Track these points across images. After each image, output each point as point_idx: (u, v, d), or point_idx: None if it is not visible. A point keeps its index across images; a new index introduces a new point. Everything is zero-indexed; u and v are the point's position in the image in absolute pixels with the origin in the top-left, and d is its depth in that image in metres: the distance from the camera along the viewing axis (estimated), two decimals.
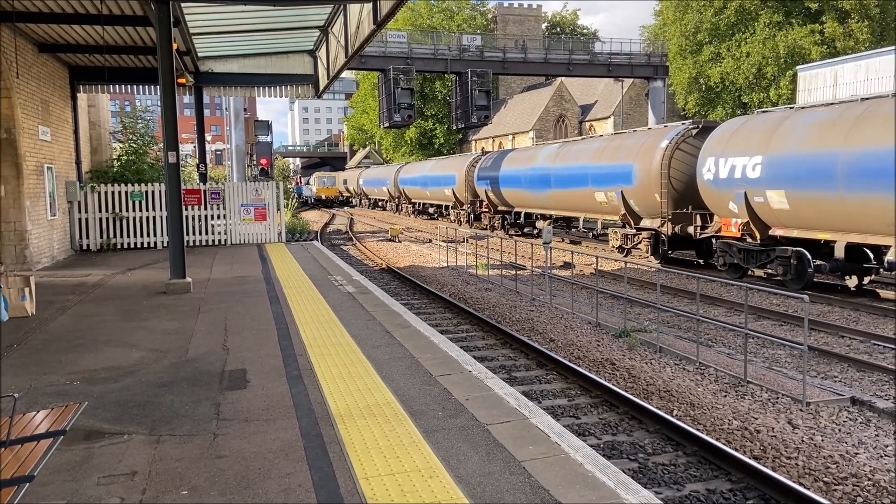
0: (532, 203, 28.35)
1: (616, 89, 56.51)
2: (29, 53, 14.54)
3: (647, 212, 20.10)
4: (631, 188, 20.35)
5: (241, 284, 12.12)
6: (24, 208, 13.76)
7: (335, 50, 16.64)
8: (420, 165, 47.85)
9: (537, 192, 26.99)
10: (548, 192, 26.04)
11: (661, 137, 19.72)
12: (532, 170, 27.50)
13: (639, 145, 20.52)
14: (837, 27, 40.29)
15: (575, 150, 25.07)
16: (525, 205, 29.24)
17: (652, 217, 19.94)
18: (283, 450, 4.67)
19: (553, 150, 26.98)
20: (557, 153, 25.99)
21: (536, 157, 27.82)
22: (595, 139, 25.89)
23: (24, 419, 4.03)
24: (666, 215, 19.08)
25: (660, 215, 19.40)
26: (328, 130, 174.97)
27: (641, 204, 20.17)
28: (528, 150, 31.39)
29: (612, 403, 7.89)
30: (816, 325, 11.81)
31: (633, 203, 20.47)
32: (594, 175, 22.51)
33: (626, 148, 21.21)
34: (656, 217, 19.65)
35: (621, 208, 20.90)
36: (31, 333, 8.51)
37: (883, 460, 6.32)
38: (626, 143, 21.59)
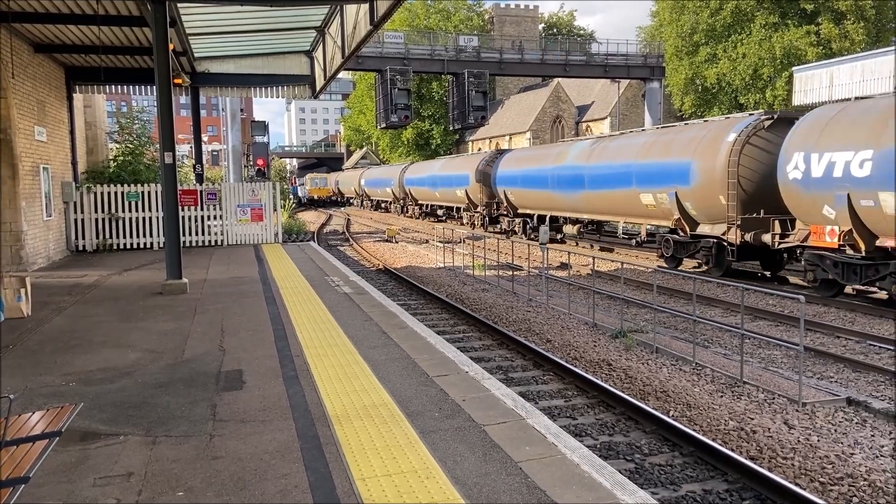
0: (560, 206, 25.39)
1: (613, 90, 56.56)
2: (25, 54, 14.51)
3: (708, 216, 17.40)
4: (688, 189, 17.66)
5: (237, 285, 12.10)
6: (19, 209, 13.72)
7: (332, 50, 16.64)
8: (428, 165, 44.84)
9: (567, 193, 24.29)
10: (580, 193, 23.24)
11: (725, 130, 16.98)
12: (561, 169, 24.65)
13: (697, 140, 17.76)
14: (833, 28, 40.40)
15: (614, 146, 22.01)
16: (551, 207, 26.26)
17: (713, 222, 17.23)
18: (279, 451, 4.67)
19: (586, 146, 23.96)
20: (592, 150, 23.05)
21: (566, 154, 24.81)
22: (639, 133, 22.39)
23: (19, 420, 4.02)
24: (733, 221, 16.28)
25: (725, 220, 16.65)
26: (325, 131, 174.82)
27: (700, 207, 17.50)
28: (555, 147, 28.03)
29: (609, 404, 7.90)
30: (812, 325, 11.83)
31: (690, 206, 17.80)
32: (640, 174, 19.72)
33: (680, 143, 18.46)
34: (719, 222, 16.94)
35: (674, 212, 18.20)
36: (27, 334, 8.49)
37: (879, 461, 6.34)
38: (679, 137, 18.82)
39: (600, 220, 24.83)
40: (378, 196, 58.07)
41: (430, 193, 42.06)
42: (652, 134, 21.00)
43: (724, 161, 16.49)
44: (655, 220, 19.93)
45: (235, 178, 31.70)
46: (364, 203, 64.74)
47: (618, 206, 21.46)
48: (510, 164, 30.07)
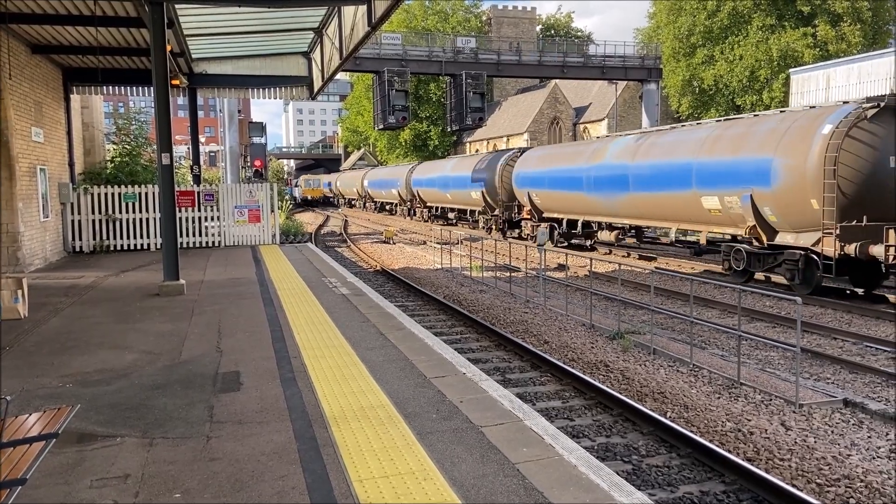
0: (595, 209, 22.30)
1: (610, 92, 56.66)
2: (22, 55, 14.49)
3: (792, 223, 14.62)
4: (768, 191, 14.80)
5: (234, 286, 12.09)
6: (16, 210, 13.70)
7: (329, 52, 16.64)
8: (438, 165, 41.79)
9: (605, 195, 21.31)
10: (622, 196, 20.23)
11: (817, 121, 14.22)
12: (598, 168, 21.62)
13: (779, 133, 14.90)
14: (830, 30, 40.52)
15: (666, 141, 19.15)
16: (585, 211, 23.09)
17: (798, 230, 14.57)
18: (276, 452, 4.66)
19: (629, 142, 20.87)
20: (638, 147, 20.06)
21: (603, 152, 21.85)
22: (694, 127, 19.67)
23: (16, 422, 4.01)
24: (829, 229, 13.59)
25: (815, 228, 14.00)
26: (322, 132, 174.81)
27: (783, 212, 14.66)
28: (588, 144, 24.88)
29: (606, 405, 7.90)
30: (809, 326, 11.85)
31: (769, 211, 14.95)
32: (702, 173, 16.85)
33: (756, 137, 15.61)
34: (807, 230, 14.33)
35: (747, 218, 15.40)
36: (24, 335, 8.47)
37: (875, 462, 6.35)
38: (754, 130, 15.91)
39: (644, 227, 22.08)
40: (382, 198, 55.35)
41: (441, 195, 39.08)
42: (713, 127, 17.97)
43: (819, 158, 13.67)
44: (720, 228, 17.13)
45: (233, 179, 31.70)
46: (367, 205, 62.36)
47: (671, 210, 18.50)
48: (534, 164, 26.86)
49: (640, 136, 20.97)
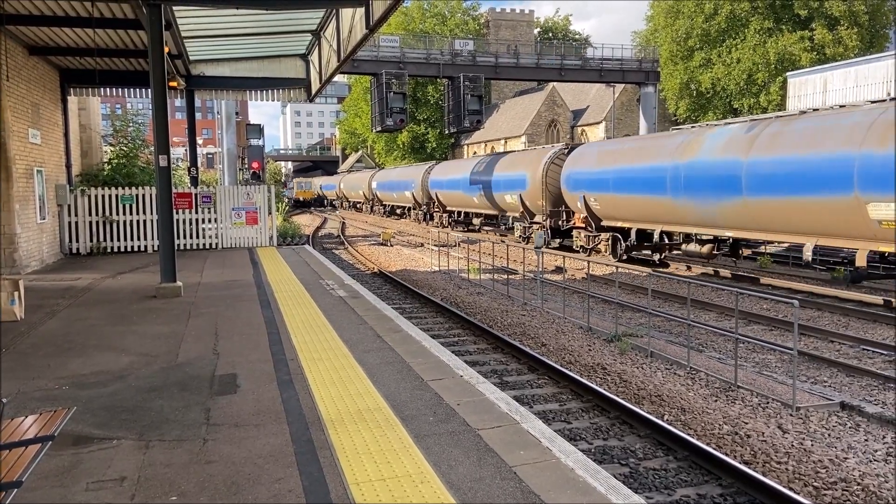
0: (685, 217, 17.93)
1: (608, 94, 56.74)
2: (19, 56, 14.47)
3: None
4: None
5: (231, 289, 12.08)
6: (13, 211, 13.68)
7: (328, 54, 16.64)
8: (463, 164, 37.13)
9: (703, 200, 16.95)
10: (731, 201, 16.00)
11: None
12: (691, 166, 17.28)
13: None
14: (827, 34, 40.65)
15: (803, 129, 14.71)
16: (668, 219, 18.72)
17: None
18: (273, 455, 4.65)
19: (737, 132, 16.52)
20: (754, 137, 15.75)
21: (697, 144, 17.51)
22: (843, 110, 14.77)
23: (12, 424, 4.00)
24: None
25: None
26: (320, 134, 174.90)
27: None
28: (673, 137, 19.44)
29: (604, 408, 7.90)
30: (806, 329, 11.87)
31: None
32: (869, 173, 12.75)
33: None
34: None
35: None
36: (20, 338, 8.45)
37: (872, 465, 6.35)
38: None
39: (756, 240, 17.96)
40: (393, 201, 50.75)
41: (465, 198, 34.59)
42: (877, 109, 13.45)
43: None
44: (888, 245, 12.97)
45: (230, 181, 31.66)
46: (375, 209, 57.42)
47: (810, 220, 14.34)
48: (592, 162, 22.26)
49: (752, 123, 16.56)
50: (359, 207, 65.40)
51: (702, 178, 16.99)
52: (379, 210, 56.16)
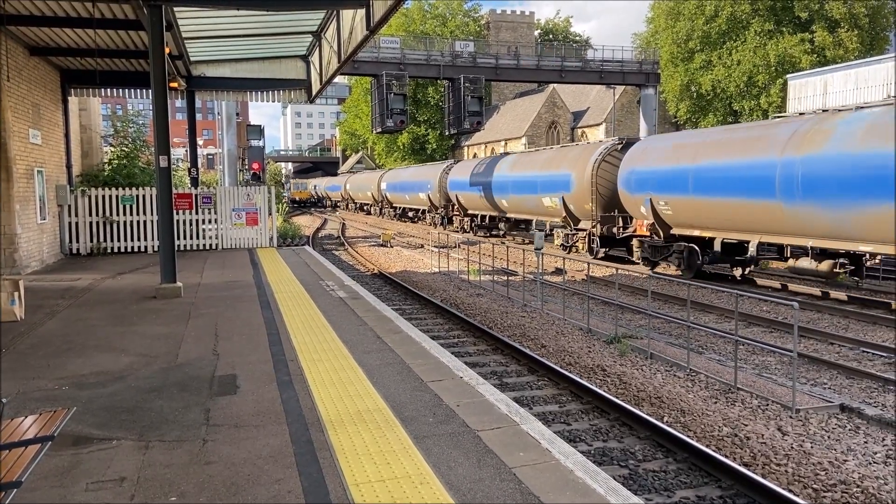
0: (801, 227, 14.58)
1: (608, 96, 56.80)
2: (20, 56, 14.48)
3: None
4: None
5: (231, 289, 12.08)
6: (13, 212, 13.68)
7: (328, 55, 16.65)
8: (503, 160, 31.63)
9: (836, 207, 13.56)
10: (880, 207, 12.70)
11: None
12: (814, 161, 13.94)
13: None
14: (827, 36, 40.68)
15: None
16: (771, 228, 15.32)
17: None
18: (272, 456, 4.65)
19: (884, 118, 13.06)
20: None
21: (823, 135, 14.07)
22: None
23: (11, 424, 4.00)
24: None
25: None
26: (321, 135, 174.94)
27: None
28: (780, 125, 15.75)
29: (603, 410, 7.90)
30: (806, 332, 11.87)
31: None
32: None
33: None
34: None
35: None
36: (20, 338, 8.45)
37: (871, 467, 6.35)
38: None
39: None
40: (405, 203, 47.75)
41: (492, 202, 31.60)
42: None
43: None
44: None
45: (231, 182, 31.65)
46: (384, 211, 53.98)
47: None
48: (661, 157, 18.83)
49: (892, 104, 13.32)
50: (367, 210, 62.03)
51: (831, 177, 13.54)
52: (389, 213, 52.74)
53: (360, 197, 62.81)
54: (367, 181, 58.33)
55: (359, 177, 66.02)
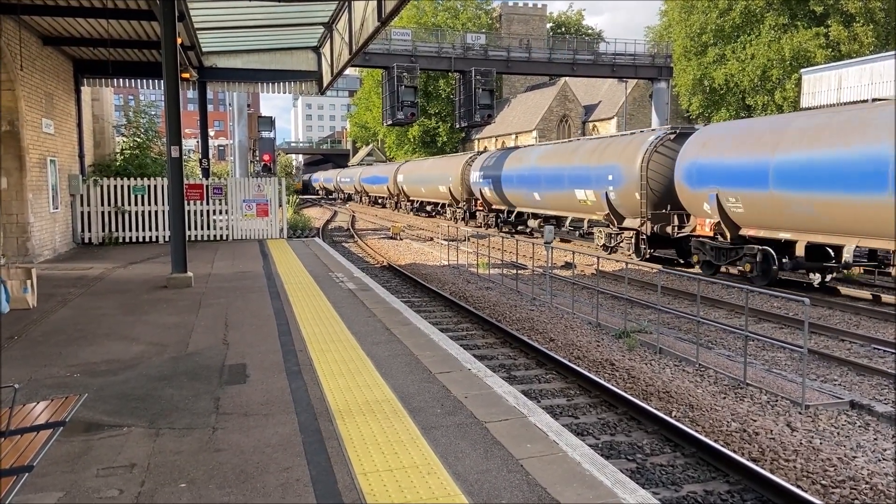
0: None
1: (620, 90, 56.48)
2: (33, 46, 14.56)
3: None
4: None
5: (242, 280, 12.13)
6: (26, 201, 13.78)
7: (339, 47, 16.64)
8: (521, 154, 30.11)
9: None
10: None
11: None
12: None
13: None
14: (842, 30, 40.27)
15: None
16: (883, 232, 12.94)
17: None
18: (281, 444, 4.68)
19: None
20: None
21: None
22: None
23: (23, 410, 4.04)
24: None
25: None
26: (331, 127, 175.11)
27: None
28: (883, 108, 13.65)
29: (611, 404, 7.89)
30: (817, 328, 11.80)
31: None
32: None
33: None
34: None
35: None
36: (32, 325, 8.53)
37: (881, 464, 6.32)
38: None
39: None
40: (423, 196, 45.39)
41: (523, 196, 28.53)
42: None
43: None
44: None
45: (241, 174, 31.76)
46: (400, 205, 51.37)
47: None
48: (730, 146, 16.56)
49: None
50: (381, 203, 59.36)
51: None
52: (405, 206, 49.98)
53: (374, 190, 60.14)
54: (383, 173, 55.80)
55: (373, 168, 63.70)
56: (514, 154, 31.11)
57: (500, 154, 32.99)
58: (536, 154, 28.33)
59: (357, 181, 66.46)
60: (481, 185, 33.23)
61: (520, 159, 29.43)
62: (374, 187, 59.19)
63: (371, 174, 61.20)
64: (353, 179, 68.94)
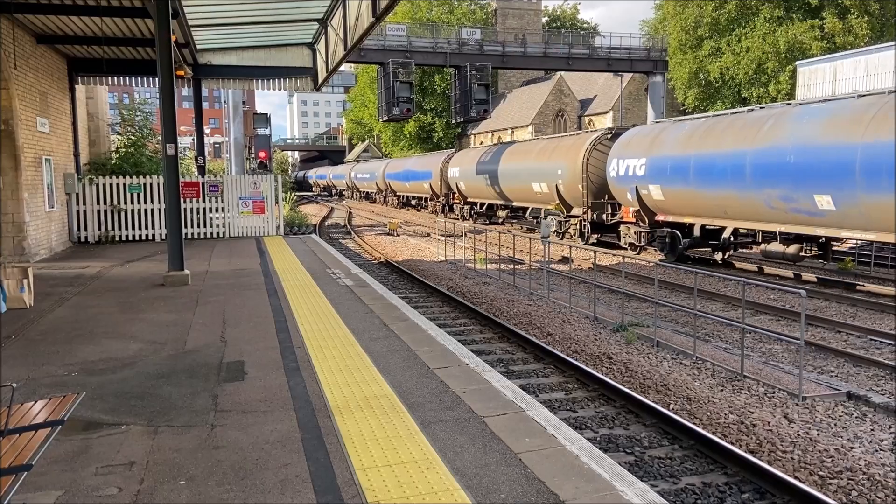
0: None
1: (615, 84, 56.44)
2: (27, 44, 14.49)
3: None
4: None
5: (239, 277, 12.12)
6: (22, 200, 13.74)
7: (334, 43, 16.60)
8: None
9: None
10: None
11: None
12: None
13: None
14: (837, 23, 40.30)
15: None
16: None
17: None
18: (280, 441, 4.69)
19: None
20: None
21: None
22: None
23: (22, 409, 4.04)
24: None
25: None
26: (327, 124, 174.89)
27: None
28: None
29: (609, 397, 7.91)
30: (813, 320, 11.83)
31: None
32: None
33: None
34: None
35: None
36: (30, 325, 8.51)
37: (878, 454, 6.35)
38: None
39: None
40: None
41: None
42: None
43: None
44: None
45: (237, 171, 31.69)
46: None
47: None
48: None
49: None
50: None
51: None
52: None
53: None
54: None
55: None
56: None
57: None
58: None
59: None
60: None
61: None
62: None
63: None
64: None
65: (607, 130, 23.77)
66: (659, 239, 19.42)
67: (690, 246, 18.64)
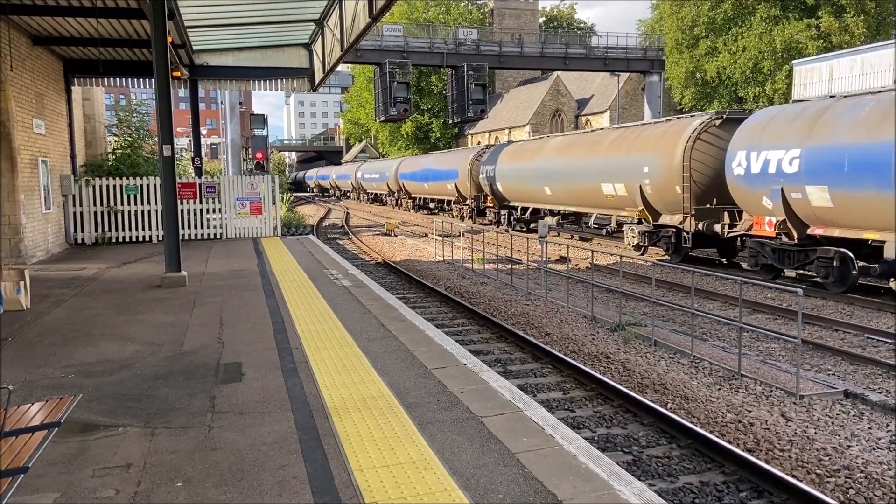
0: None
1: (612, 84, 56.51)
2: (23, 46, 14.47)
3: None
4: None
5: (236, 278, 12.11)
6: (18, 202, 13.71)
7: (331, 43, 16.59)
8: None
9: None
10: None
11: None
12: None
13: None
14: (834, 22, 40.34)
15: None
16: None
17: None
18: (277, 442, 4.68)
19: None
20: None
21: None
22: None
23: (18, 411, 4.03)
24: None
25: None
26: (324, 124, 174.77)
27: None
28: None
29: (607, 397, 7.92)
30: (810, 318, 11.85)
31: None
32: None
33: None
34: None
35: None
36: (26, 327, 8.50)
37: (875, 453, 6.36)
38: None
39: None
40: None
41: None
42: None
43: None
44: None
45: (234, 172, 31.68)
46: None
47: None
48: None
49: None
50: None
51: None
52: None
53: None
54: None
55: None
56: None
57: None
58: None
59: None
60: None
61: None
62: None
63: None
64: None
65: (715, 115, 18.36)
66: (820, 263, 14.05)
67: (883, 274, 13.13)
